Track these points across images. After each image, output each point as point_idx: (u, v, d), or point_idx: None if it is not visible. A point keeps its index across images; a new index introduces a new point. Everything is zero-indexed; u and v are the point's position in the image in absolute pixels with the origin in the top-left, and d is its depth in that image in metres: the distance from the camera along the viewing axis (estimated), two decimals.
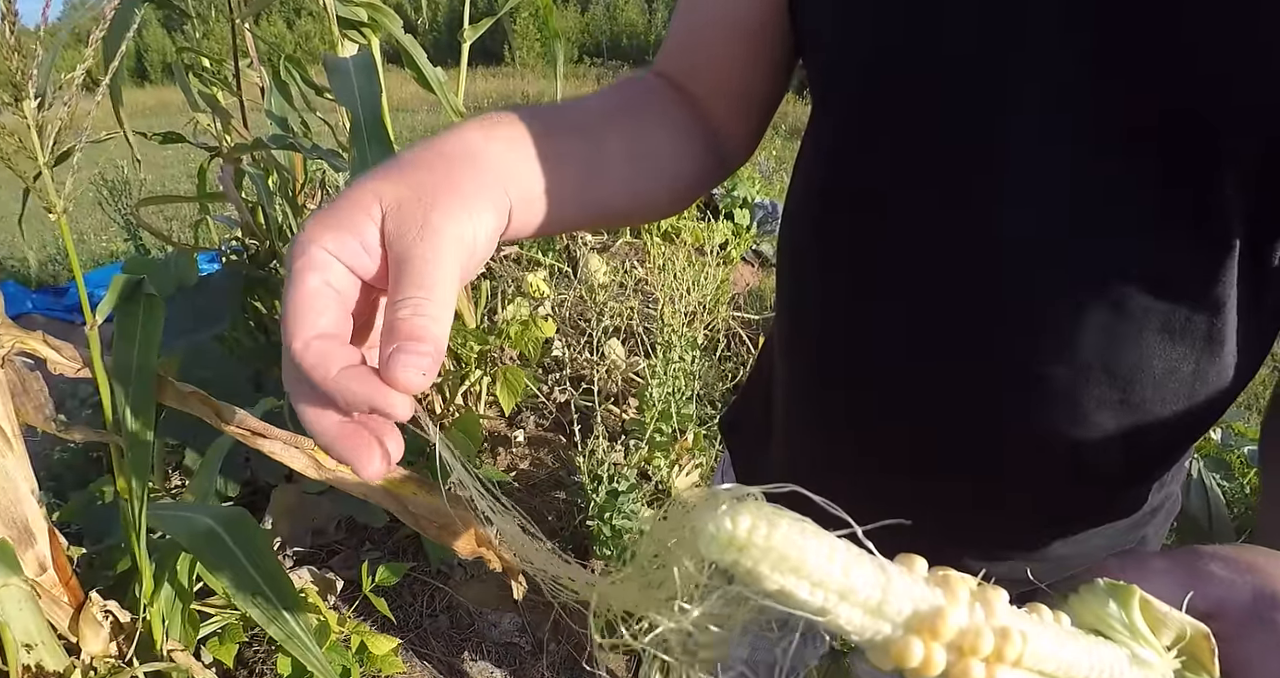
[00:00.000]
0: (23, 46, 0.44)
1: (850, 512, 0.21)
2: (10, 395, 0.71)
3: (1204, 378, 0.43)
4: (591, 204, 0.42)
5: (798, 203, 0.53)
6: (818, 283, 0.51)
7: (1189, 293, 0.40)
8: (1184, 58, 0.35)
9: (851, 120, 0.46)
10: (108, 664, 0.90)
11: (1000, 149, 0.40)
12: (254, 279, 1.81)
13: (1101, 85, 0.37)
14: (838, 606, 0.20)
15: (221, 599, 1.23)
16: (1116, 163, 0.38)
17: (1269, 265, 0.40)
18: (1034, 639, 0.22)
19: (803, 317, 0.54)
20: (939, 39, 0.40)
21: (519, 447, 2.07)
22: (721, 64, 0.51)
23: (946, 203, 0.42)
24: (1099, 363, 0.42)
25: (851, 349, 0.49)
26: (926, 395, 0.46)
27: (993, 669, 0.21)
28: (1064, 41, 0.37)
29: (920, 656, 0.20)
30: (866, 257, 0.47)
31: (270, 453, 0.63)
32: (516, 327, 1.91)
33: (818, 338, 0.52)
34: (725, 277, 2.58)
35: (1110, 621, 0.25)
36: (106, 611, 0.91)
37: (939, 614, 0.21)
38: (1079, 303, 0.40)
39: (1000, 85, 0.39)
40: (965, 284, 0.42)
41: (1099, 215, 0.39)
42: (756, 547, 0.19)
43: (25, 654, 0.85)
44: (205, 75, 1.72)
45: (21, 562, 0.79)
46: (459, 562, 1.74)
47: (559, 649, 1.66)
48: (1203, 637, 0.26)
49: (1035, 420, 0.44)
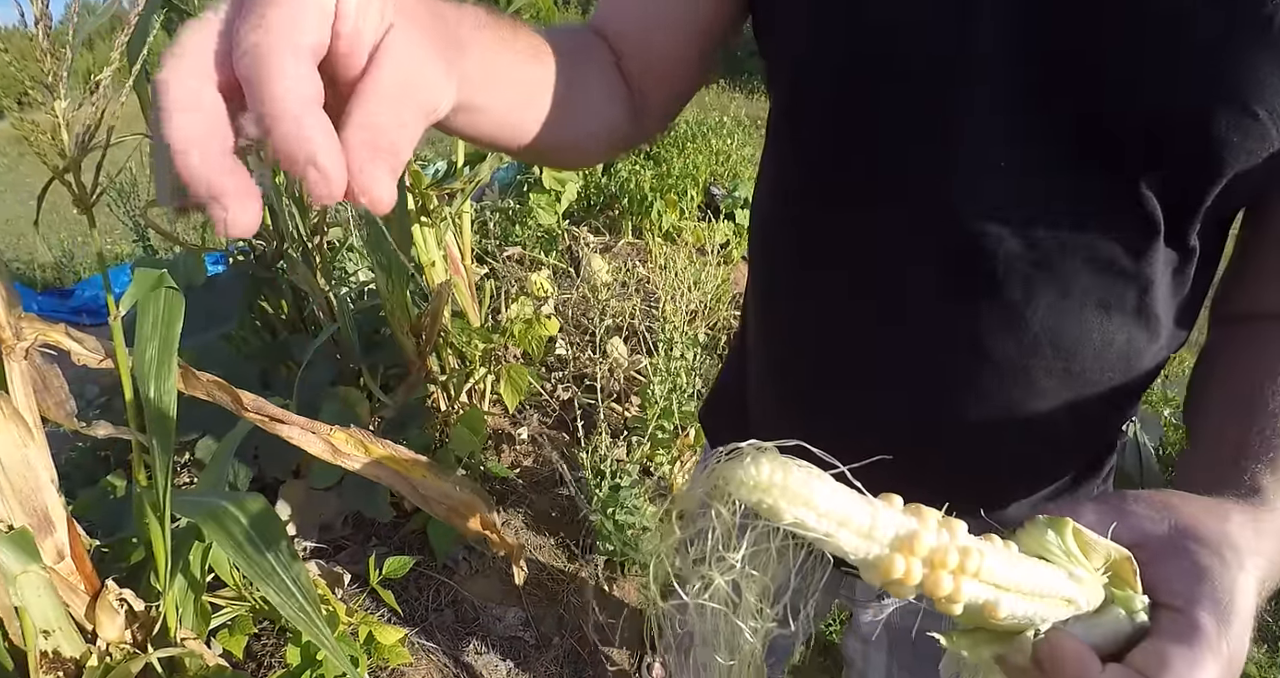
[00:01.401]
0: (56, 50, 0.47)
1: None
2: (32, 389, 0.73)
3: (1137, 348, 0.50)
4: (520, 124, 0.45)
5: (765, 194, 0.58)
6: (788, 267, 0.57)
7: (1123, 273, 0.46)
8: (1111, 69, 0.40)
9: (826, 121, 0.50)
10: (123, 651, 0.92)
11: (956, 147, 0.44)
12: (261, 279, 1.84)
13: (1046, 92, 0.42)
14: (838, 531, 0.25)
15: (232, 592, 1.26)
16: (1059, 163, 0.43)
17: (1189, 246, 0.46)
18: (989, 558, 0.27)
19: (774, 299, 0.59)
20: (902, 45, 0.44)
21: (523, 444, 2.09)
22: (664, 54, 0.54)
23: (912, 197, 0.47)
24: (1046, 337, 0.48)
25: (822, 325, 0.55)
26: (895, 366, 0.52)
27: (958, 580, 0.26)
28: (1011, 50, 0.42)
29: (902, 568, 0.26)
30: (836, 244, 0.52)
31: (288, 438, 0.66)
32: (520, 325, 1.93)
33: (789, 317, 0.57)
34: (726, 276, 2.60)
35: (1050, 547, 0.30)
36: (121, 599, 0.93)
37: (914, 536, 0.26)
38: (1028, 284, 0.46)
39: (956, 90, 0.44)
40: (932, 269, 0.48)
41: (1045, 208, 0.44)
42: (776, 487, 0.24)
43: (43, 640, 0.87)
44: None
45: (40, 550, 0.81)
46: (464, 557, 1.76)
47: (563, 643, 1.68)
48: (1126, 560, 0.31)
49: (990, 387, 0.50)
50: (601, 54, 0.53)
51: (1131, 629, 0.31)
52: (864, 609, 0.76)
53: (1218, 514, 0.34)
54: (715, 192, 3.92)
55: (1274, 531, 0.36)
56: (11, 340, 0.66)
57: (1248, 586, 0.32)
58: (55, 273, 4.08)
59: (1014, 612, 0.29)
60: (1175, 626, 0.31)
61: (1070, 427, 0.53)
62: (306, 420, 0.67)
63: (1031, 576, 0.29)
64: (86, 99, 0.49)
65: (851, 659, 0.84)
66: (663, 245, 2.89)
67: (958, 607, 0.28)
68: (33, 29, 0.49)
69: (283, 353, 1.80)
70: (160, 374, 0.63)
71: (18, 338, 0.66)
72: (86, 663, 0.89)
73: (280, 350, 1.81)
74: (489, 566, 1.77)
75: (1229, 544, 0.33)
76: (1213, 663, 0.30)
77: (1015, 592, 0.29)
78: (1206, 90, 0.40)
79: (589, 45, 0.53)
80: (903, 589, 0.27)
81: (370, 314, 1.90)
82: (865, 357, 0.53)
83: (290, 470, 1.61)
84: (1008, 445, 0.53)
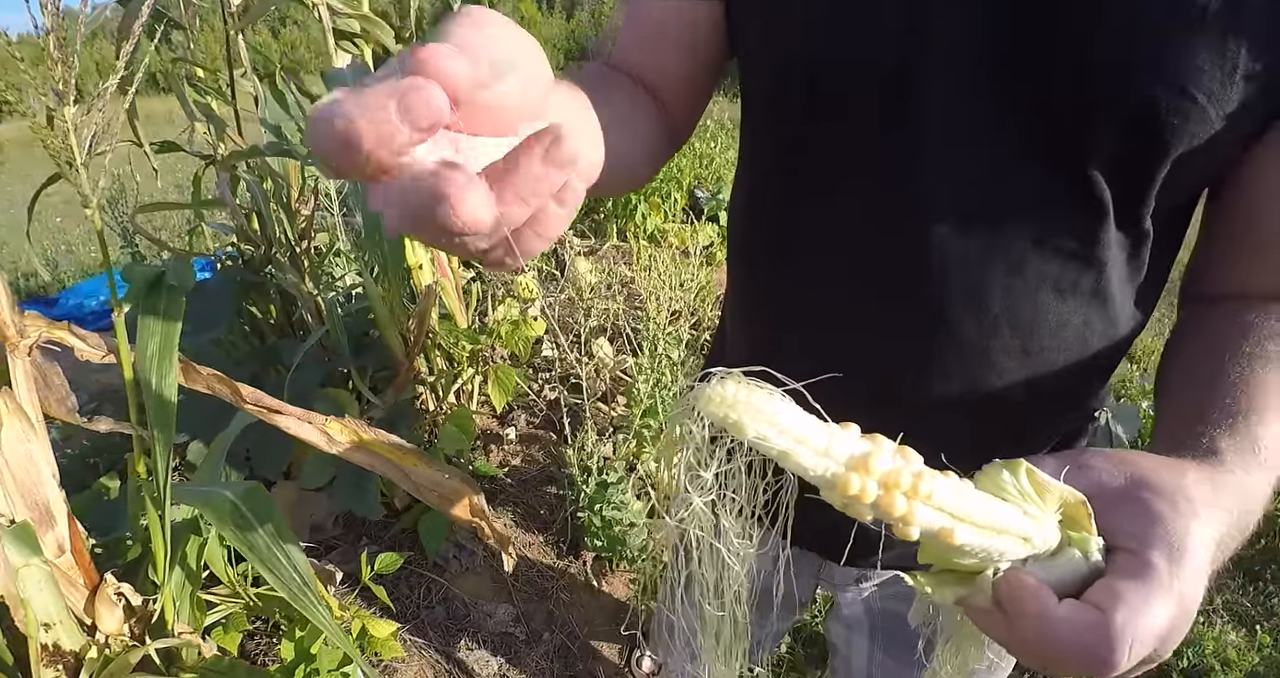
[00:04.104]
0: (66, 57, 0.50)
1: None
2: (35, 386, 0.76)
3: (1093, 329, 0.51)
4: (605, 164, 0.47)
5: (746, 190, 0.61)
6: (760, 254, 0.60)
7: (1075, 256, 0.48)
8: (1061, 58, 0.43)
9: (796, 122, 0.53)
10: (121, 644, 0.94)
11: (915, 136, 0.47)
12: (249, 284, 1.85)
13: (1002, 80, 0.44)
14: (797, 448, 0.27)
15: (226, 589, 1.28)
16: (1012, 150, 0.46)
17: (1143, 230, 0.48)
18: (942, 485, 0.29)
19: (752, 289, 0.62)
20: (867, 48, 0.47)
21: (510, 444, 2.11)
22: (669, 71, 0.58)
23: (872, 182, 0.50)
24: (1004, 317, 0.50)
25: (787, 309, 0.57)
26: (861, 347, 0.54)
27: (911, 503, 0.28)
28: (970, 41, 0.44)
29: (858, 486, 0.27)
30: (799, 232, 0.55)
31: (284, 428, 0.69)
32: (507, 327, 1.96)
33: (761, 300, 0.60)
34: (709, 277, 2.64)
35: (1005, 486, 0.32)
36: (119, 593, 0.95)
37: (869, 457, 0.28)
38: (986, 267, 0.48)
39: (915, 91, 0.46)
40: (892, 254, 0.50)
41: (998, 194, 0.47)
42: (741, 403, 0.26)
43: (44, 633, 0.89)
44: (200, 85, 1.77)
45: (42, 544, 0.83)
46: (454, 555, 1.78)
47: (553, 638, 1.71)
48: (1080, 504, 0.32)
49: (953, 367, 0.52)
50: (622, 77, 0.56)
51: (1088, 570, 0.32)
52: (844, 592, 0.78)
53: (1174, 469, 0.35)
54: (699, 194, 3.97)
55: (1233, 490, 0.36)
56: (16, 338, 0.69)
57: (1201, 533, 0.33)
58: (39, 282, 4.06)
59: (969, 542, 0.30)
60: (1128, 564, 0.32)
61: (1032, 406, 0.54)
62: (302, 411, 0.70)
63: (986, 508, 0.31)
64: (94, 105, 0.52)
65: (835, 645, 0.87)
66: (647, 247, 2.92)
67: (914, 530, 0.29)
68: (37, 36, 0.52)
69: (272, 357, 1.82)
70: (162, 368, 0.66)
71: (21, 335, 0.69)
72: (86, 656, 0.91)
73: (269, 354, 1.83)
74: (479, 564, 1.80)
75: (1183, 495, 0.34)
76: (1163, 599, 0.31)
77: (970, 523, 0.30)
78: (1151, 77, 0.41)
79: (612, 72, 0.56)
80: (860, 509, 0.28)
81: (358, 318, 1.92)
82: (833, 338, 0.55)
83: (281, 472, 1.63)
84: (971, 424, 0.54)
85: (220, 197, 1.56)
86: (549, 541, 1.90)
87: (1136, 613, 0.30)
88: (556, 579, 1.82)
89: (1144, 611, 0.30)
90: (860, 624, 0.80)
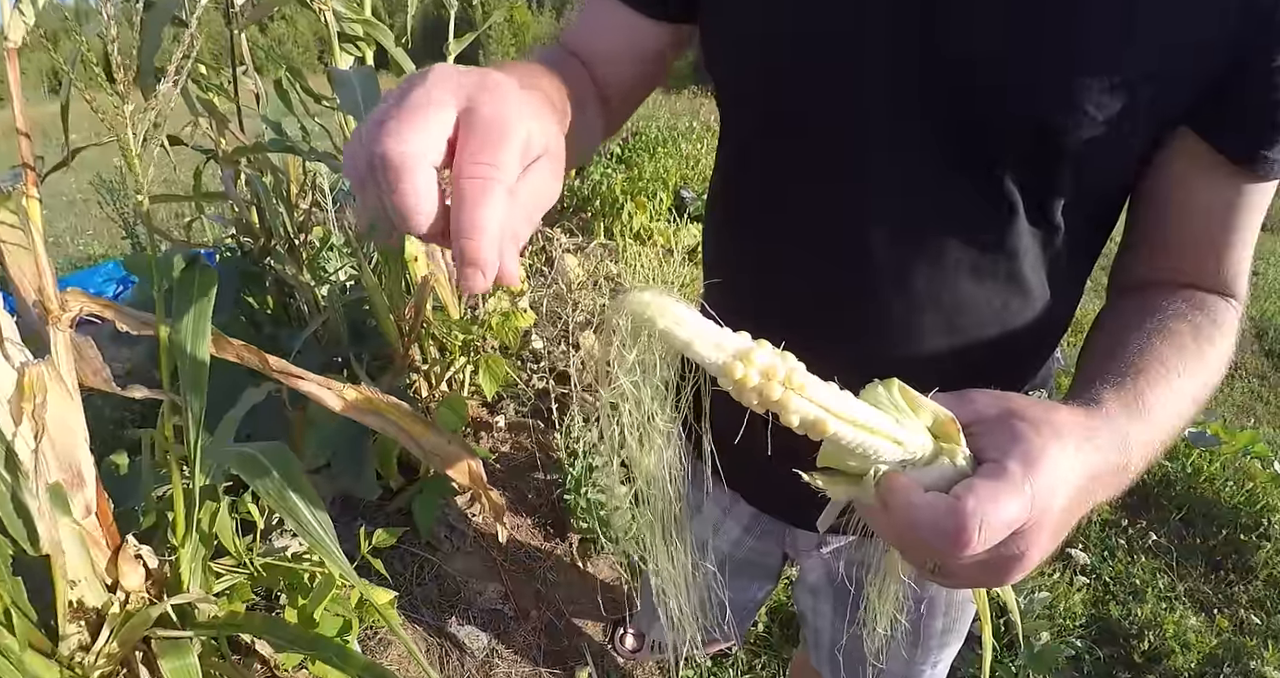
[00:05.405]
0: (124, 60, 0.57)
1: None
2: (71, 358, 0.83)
3: (1012, 310, 0.59)
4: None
5: (720, 185, 0.70)
6: (733, 243, 0.69)
7: (989, 245, 0.56)
8: (976, 74, 0.50)
9: (759, 121, 0.61)
10: (141, 600, 1.01)
11: (848, 140, 0.55)
12: (249, 275, 1.92)
13: (926, 97, 0.52)
14: (695, 339, 0.34)
15: (231, 560, 1.34)
16: (933, 156, 0.53)
17: (1053, 224, 0.56)
18: (817, 383, 0.35)
19: (724, 271, 0.70)
20: (807, 49, 0.55)
21: (500, 431, 2.19)
22: (622, 70, 0.66)
23: (817, 184, 0.58)
24: (928, 299, 0.57)
25: (744, 288, 0.65)
26: (803, 320, 0.59)
27: (788, 393, 0.34)
28: (901, 57, 0.51)
29: (741, 372, 0.34)
30: (755, 217, 0.63)
31: (306, 392, 0.76)
32: (498, 318, 2.04)
33: (736, 284, 0.67)
34: (692, 275, 2.73)
35: (880, 398, 0.38)
36: (138, 554, 1.02)
37: (752, 351, 0.34)
38: (909, 253, 0.56)
39: (854, 104, 0.54)
40: (834, 239, 0.58)
41: (921, 192, 0.55)
42: (655, 304, 0.33)
43: (70, 590, 0.96)
44: (202, 81, 1.83)
45: (71, 504, 0.90)
46: (446, 535, 1.86)
47: (540, 616, 1.78)
48: (949, 420, 0.38)
49: (888, 334, 0.60)
50: (579, 68, 0.63)
51: (955, 475, 0.37)
52: (808, 558, 0.84)
53: (1048, 407, 0.39)
54: (685, 194, 4.05)
55: (1107, 431, 0.40)
56: (58, 312, 0.76)
57: (1060, 453, 0.36)
58: None
59: (843, 434, 0.35)
60: (988, 469, 0.36)
61: (965, 379, 0.62)
62: (322, 378, 0.78)
63: (860, 410, 0.35)
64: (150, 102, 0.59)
65: (804, 614, 0.93)
66: (633, 245, 3.01)
67: (794, 418, 0.35)
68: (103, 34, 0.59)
69: (270, 346, 1.88)
70: (196, 338, 0.73)
71: (64, 309, 0.76)
72: (109, 612, 0.98)
73: (268, 343, 1.89)
74: (470, 544, 1.87)
75: (1048, 423, 0.37)
76: (1013, 493, 0.34)
77: (844, 419, 0.35)
78: (1050, 95, 0.47)
79: (568, 61, 0.63)
80: (745, 394, 0.34)
81: (353, 308, 1.99)
82: (780, 314, 0.61)
83: None
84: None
85: (224, 190, 1.62)
86: (537, 523, 1.98)
87: (985, 501, 0.34)
88: (544, 560, 1.90)
89: (993, 499, 0.34)
90: (823, 591, 0.86)
